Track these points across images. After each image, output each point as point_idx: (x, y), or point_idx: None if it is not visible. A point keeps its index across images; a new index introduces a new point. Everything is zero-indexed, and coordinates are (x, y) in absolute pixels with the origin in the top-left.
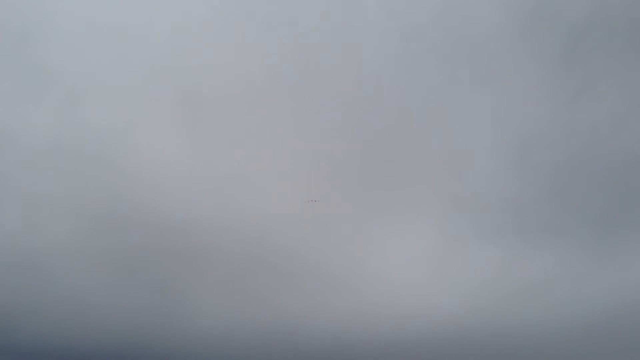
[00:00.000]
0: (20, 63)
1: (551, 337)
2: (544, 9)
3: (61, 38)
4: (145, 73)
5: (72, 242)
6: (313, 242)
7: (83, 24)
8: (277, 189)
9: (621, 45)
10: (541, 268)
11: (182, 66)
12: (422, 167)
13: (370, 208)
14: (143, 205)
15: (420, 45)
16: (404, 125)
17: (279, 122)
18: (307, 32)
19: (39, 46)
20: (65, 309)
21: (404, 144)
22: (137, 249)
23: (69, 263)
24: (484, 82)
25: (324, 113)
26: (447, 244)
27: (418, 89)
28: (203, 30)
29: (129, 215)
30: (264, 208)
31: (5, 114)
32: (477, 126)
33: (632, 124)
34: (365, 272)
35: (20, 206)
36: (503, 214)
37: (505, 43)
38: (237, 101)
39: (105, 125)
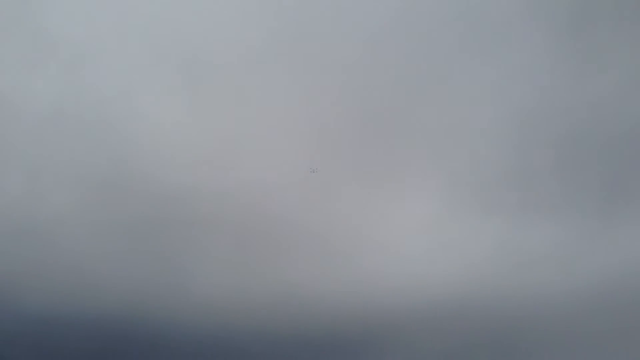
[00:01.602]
0: (21, 28)
1: (550, 307)
2: None
3: (62, 3)
4: (146, 38)
5: (75, 208)
6: (315, 210)
7: None
8: (279, 155)
9: (628, 14)
10: (541, 239)
11: (183, 31)
12: (424, 135)
13: (372, 176)
14: (146, 171)
15: (421, 14)
16: (406, 94)
17: (281, 88)
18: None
19: (40, 11)
20: (68, 275)
21: (405, 113)
22: (141, 215)
23: (72, 229)
24: (486, 52)
25: (326, 79)
26: (448, 214)
27: (419, 58)
28: None
29: (132, 181)
30: (267, 174)
31: (6, 80)
32: (479, 97)
33: (638, 96)
34: (367, 241)
35: (22, 172)
36: (504, 185)
37: (509, 12)
38: (238, 66)
39: (108, 90)
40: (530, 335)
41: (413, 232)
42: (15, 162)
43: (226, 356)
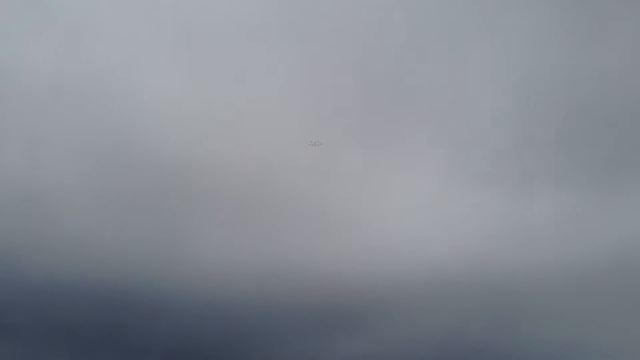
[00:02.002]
0: None
1: (554, 281)
2: None
3: None
4: (147, 9)
5: (75, 179)
6: (315, 184)
7: None
8: (279, 129)
9: None
10: (544, 213)
11: (184, 3)
12: (425, 110)
13: (372, 150)
14: (146, 143)
15: None
16: (407, 68)
17: (281, 62)
18: None
19: None
20: (68, 245)
21: (406, 87)
22: (139, 188)
23: (71, 201)
24: (489, 25)
25: (325, 52)
26: (450, 188)
27: (422, 31)
28: None
29: (131, 153)
30: (266, 149)
31: (5, 49)
32: (481, 70)
33: None
34: (367, 215)
35: (22, 143)
36: (506, 158)
37: None
38: (238, 39)
39: (107, 62)
40: (531, 309)
41: (414, 207)
42: (14, 133)
43: (226, 326)
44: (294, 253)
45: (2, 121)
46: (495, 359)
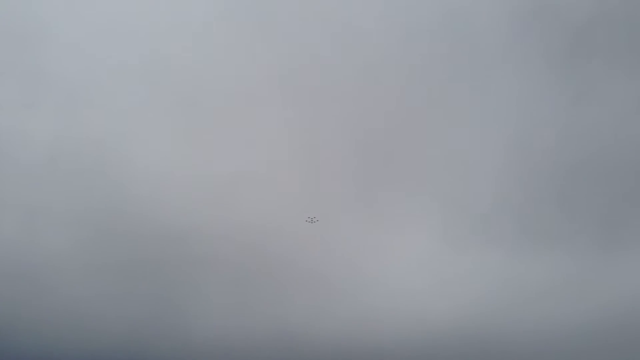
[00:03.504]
0: (18, 70)
1: (553, 342)
2: (546, 10)
3: (58, 45)
4: (142, 79)
5: (72, 250)
6: (313, 248)
7: (80, 31)
8: (276, 194)
9: (623, 46)
10: (543, 272)
11: (179, 72)
12: (423, 170)
13: (371, 212)
14: (142, 212)
15: (421, 46)
16: (404, 128)
17: (278, 127)
18: (305, 31)
19: (37, 53)
20: (65, 317)
21: (404, 147)
22: (137, 257)
23: (69, 272)
24: (485, 84)
25: (323, 116)
26: (448, 248)
27: (418, 91)
28: (200, 36)
29: (128, 223)
30: (264, 214)
31: (3, 122)
32: (478, 128)
33: (634, 126)
34: (366, 277)
35: (19, 215)
36: (505, 218)
37: (507, 44)
38: (234, 106)
39: (104, 132)
40: None
41: (413, 268)
42: (10, 205)
43: None
44: (295, 317)
45: None
46: None
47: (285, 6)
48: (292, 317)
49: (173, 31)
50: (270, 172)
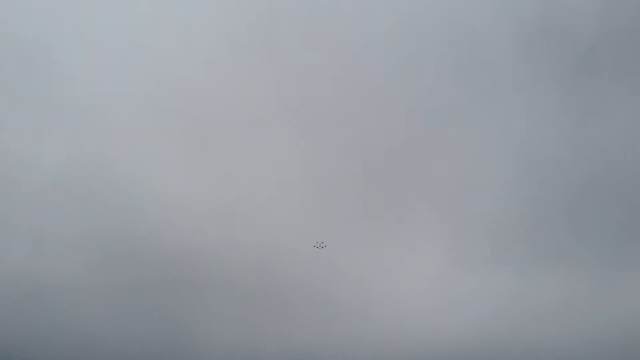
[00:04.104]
0: (28, 95)
1: (566, 359)
2: (552, 29)
3: (68, 70)
4: (150, 104)
5: (80, 273)
6: (319, 268)
7: (89, 56)
8: (282, 215)
9: (629, 63)
10: (553, 291)
11: (188, 97)
12: (430, 189)
13: (378, 232)
14: (150, 235)
15: (427, 66)
16: (411, 147)
17: (283, 148)
18: (313, 53)
19: (46, 78)
20: (74, 339)
21: (411, 166)
22: (145, 279)
23: (77, 294)
24: (492, 102)
25: (328, 136)
26: (456, 267)
27: (425, 110)
28: (208, 61)
29: (136, 246)
30: (270, 235)
31: (12, 146)
32: (486, 147)
33: None
34: (374, 297)
35: (28, 238)
36: (513, 236)
37: (514, 63)
38: (243, 128)
39: (112, 156)
40: None
41: (421, 287)
42: (20, 228)
43: None
44: (302, 337)
45: (8, 218)
46: None
47: (292, 30)
48: (300, 337)
49: (182, 57)
50: (277, 193)
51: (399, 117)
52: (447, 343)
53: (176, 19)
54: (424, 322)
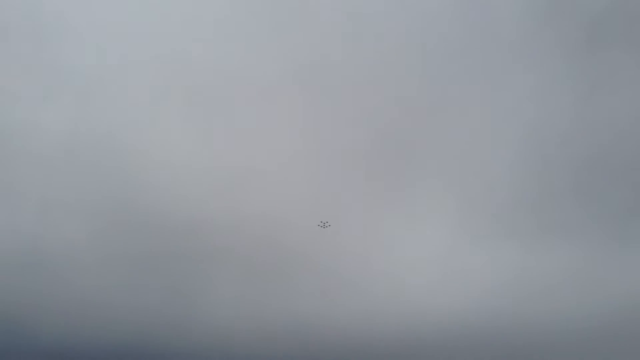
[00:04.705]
0: (33, 64)
1: (568, 334)
2: (560, 2)
3: (73, 39)
4: (156, 73)
5: (86, 241)
6: (323, 240)
7: (95, 25)
8: (288, 187)
9: (638, 36)
10: (560, 264)
11: (193, 65)
12: (436, 163)
13: (382, 205)
14: (156, 204)
15: (436, 38)
16: (418, 121)
17: (290, 119)
18: (318, 24)
19: (52, 48)
20: (79, 307)
21: (417, 140)
22: (149, 248)
23: (83, 262)
24: (501, 75)
25: (336, 108)
26: (462, 241)
27: (433, 83)
28: (214, 28)
29: (141, 215)
30: (275, 207)
31: (18, 114)
32: (494, 120)
33: None
34: (378, 270)
35: (34, 206)
36: (520, 210)
37: (523, 35)
38: (248, 99)
39: (118, 125)
40: None
41: (425, 261)
42: (26, 196)
43: None
44: (305, 309)
45: (14, 186)
46: None
47: (295, 2)
48: (302, 308)
49: (187, 26)
50: (282, 165)
51: (404, 92)
52: (451, 317)
53: None
54: (428, 296)
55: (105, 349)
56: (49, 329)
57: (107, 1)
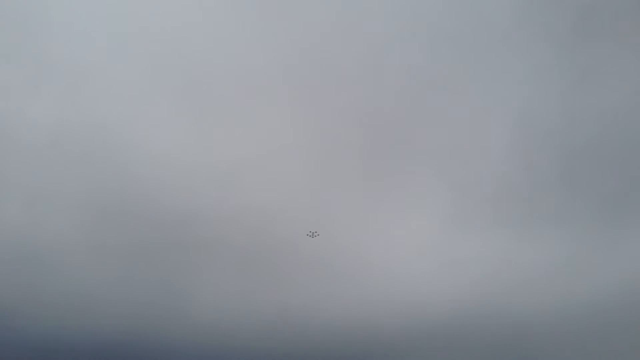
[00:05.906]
0: (21, 54)
1: (560, 322)
2: None
3: (61, 28)
4: (146, 62)
5: (75, 234)
6: (320, 232)
7: (83, 14)
8: (280, 178)
9: (629, 26)
10: (549, 254)
11: (183, 55)
12: (426, 153)
13: (375, 195)
14: (146, 196)
15: (424, 28)
16: (408, 111)
17: (282, 110)
18: (310, 17)
19: (39, 37)
20: (69, 301)
21: (408, 130)
22: (141, 240)
23: (72, 255)
24: (489, 65)
25: (327, 99)
26: (453, 231)
27: (422, 73)
28: (205, 19)
29: (132, 207)
30: (268, 197)
31: (6, 105)
32: (483, 110)
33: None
34: (370, 261)
35: (22, 198)
36: (509, 199)
37: (511, 24)
38: (238, 90)
39: (107, 115)
40: (535, 349)
41: (417, 251)
42: (14, 188)
43: None
44: (298, 300)
45: (2, 177)
46: None
47: None
48: (295, 300)
49: (177, 17)
50: (274, 156)
51: (396, 81)
52: (444, 305)
53: None
54: (421, 285)
55: (97, 342)
56: (38, 323)
57: None
